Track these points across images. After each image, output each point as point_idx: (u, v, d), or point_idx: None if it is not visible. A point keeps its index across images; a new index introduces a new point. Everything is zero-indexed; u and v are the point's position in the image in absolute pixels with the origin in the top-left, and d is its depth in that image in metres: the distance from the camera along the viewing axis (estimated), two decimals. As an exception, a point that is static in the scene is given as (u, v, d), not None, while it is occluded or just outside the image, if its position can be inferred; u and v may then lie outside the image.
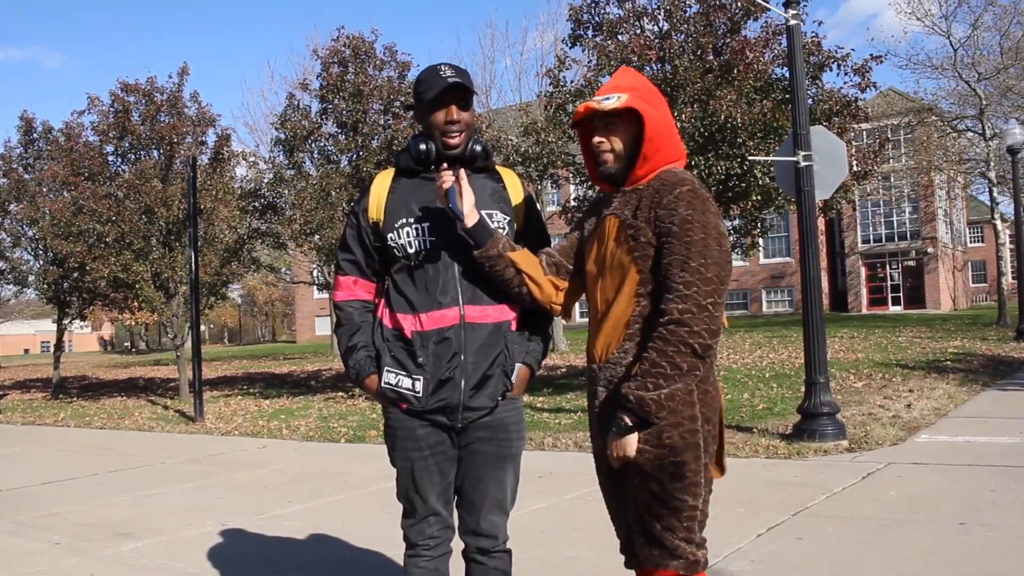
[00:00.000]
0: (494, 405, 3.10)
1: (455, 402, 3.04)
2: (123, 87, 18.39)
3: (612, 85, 2.90)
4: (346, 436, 11.19)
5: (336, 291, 3.29)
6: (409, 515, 3.18)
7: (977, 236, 65.20)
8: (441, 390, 3.03)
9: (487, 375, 3.06)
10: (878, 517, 5.72)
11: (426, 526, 3.14)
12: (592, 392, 2.95)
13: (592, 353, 2.92)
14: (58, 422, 15.89)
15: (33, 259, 23.15)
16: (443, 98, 3.03)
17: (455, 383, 3.03)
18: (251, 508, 7.22)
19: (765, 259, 49.40)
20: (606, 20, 13.73)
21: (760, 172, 12.26)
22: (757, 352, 20.13)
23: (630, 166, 2.85)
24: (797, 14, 8.93)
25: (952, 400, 10.87)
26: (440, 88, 3.01)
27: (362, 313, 3.22)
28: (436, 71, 3.06)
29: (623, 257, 2.80)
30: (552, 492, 7.06)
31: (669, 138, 2.86)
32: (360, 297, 3.24)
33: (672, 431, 2.71)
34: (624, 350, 2.79)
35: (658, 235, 2.73)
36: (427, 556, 3.14)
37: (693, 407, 2.74)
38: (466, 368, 3.03)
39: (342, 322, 3.23)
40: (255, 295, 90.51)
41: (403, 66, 17.48)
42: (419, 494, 3.13)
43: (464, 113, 3.08)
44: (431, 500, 3.13)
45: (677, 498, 2.73)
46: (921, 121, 35.08)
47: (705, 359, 2.66)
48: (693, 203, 2.71)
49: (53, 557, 5.93)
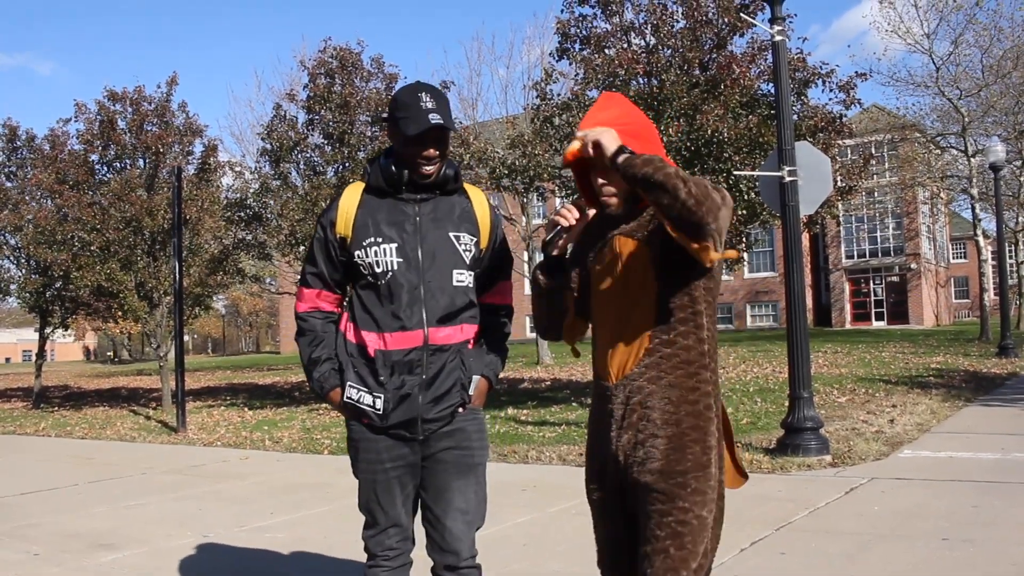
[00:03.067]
0: (452, 414, 3.13)
1: (414, 415, 3.08)
2: (110, 95, 18.36)
3: (596, 119, 2.80)
4: (329, 448, 11.14)
5: (299, 302, 3.31)
6: (370, 526, 3.21)
7: (960, 252, 65.54)
8: (400, 407, 3.08)
9: (446, 390, 3.11)
10: (861, 532, 5.73)
11: (385, 537, 3.17)
12: (606, 411, 2.83)
13: (605, 371, 2.84)
14: (39, 432, 15.75)
15: (15, 267, 23.01)
16: (423, 137, 3.03)
17: (414, 398, 3.07)
18: (233, 519, 7.17)
19: (749, 273, 49.52)
20: (593, 34, 13.76)
21: (745, 187, 12.30)
22: (741, 366, 20.17)
23: (634, 200, 2.81)
24: (782, 30, 8.98)
25: (935, 416, 10.91)
26: (421, 129, 2.99)
27: (325, 324, 3.24)
28: (417, 101, 3.03)
29: (641, 270, 2.75)
30: (536, 505, 7.04)
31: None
32: (323, 308, 3.26)
33: (695, 447, 2.67)
34: (645, 365, 2.74)
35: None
36: (386, 567, 3.17)
37: (713, 423, 2.72)
38: (425, 387, 3.08)
39: (304, 332, 3.25)
40: (239, 306, 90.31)
41: (390, 78, 17.53)
42: (380, 505, 3.16)
43: (442, 147, 3.09)
44: (392, 512, 3.16)
45: (698, 515, 2.66)
46: (904, 137, 35.29)
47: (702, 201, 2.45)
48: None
49: (32, 568, 5.87)
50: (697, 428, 2.70)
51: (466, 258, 3.17)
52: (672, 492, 2.67)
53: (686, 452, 2.68)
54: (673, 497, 2.67)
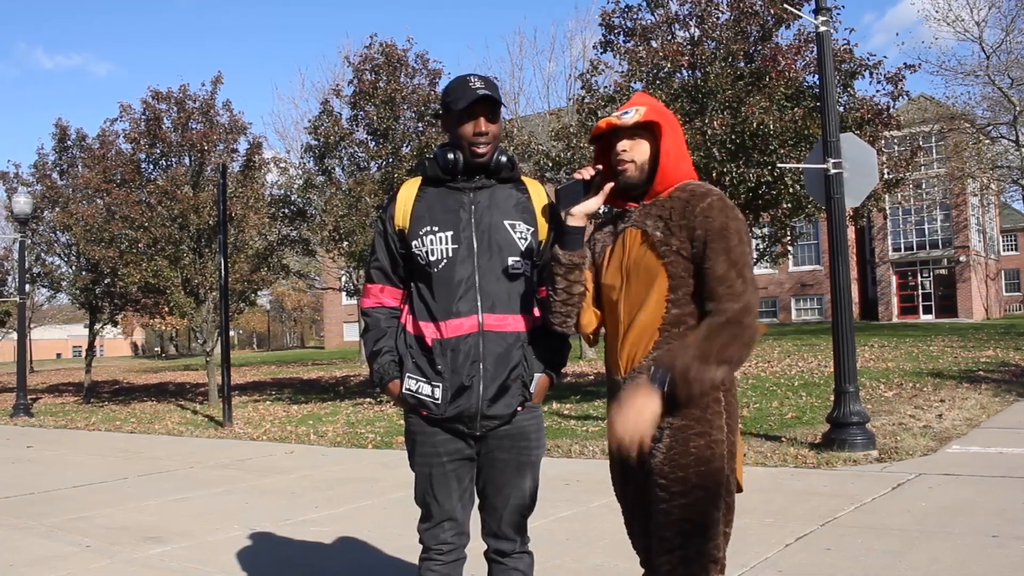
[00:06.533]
0: (512, 413, 3.13)
1: (473, 410, 3.07)
2: (154, 95, 18.58)
3: (630, 103, 2.96)
4: (373, 442, 11.22)
5: (364, 298, 3.37)
6: (425, 519, 3.22)
7: (1011, 244, 64.34)
8: (459, 398, 3.07)
9: (505, 385, 3.09)
10: (908, 528, 5.66)
11: (440, 531, 3.18)
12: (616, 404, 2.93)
13: (615, 364, 2.92)
14: (89, 426, 16.04)
15: (65, 265, 23.40)
16: (472, 110, 3.07)
17: (473, 390, 3.06)
18: (278, 513, 7.25)
19: (794, 267, 49.08)
20: (638, 26, 13.70)
21: (791, 179, 12.19)
22: (786, 360, 19.99)
23: (649, 180, 2.89)
24: (827, 21, 8.88)
25: (984, 411, 10.73)
26: (470, 100, 3.04)
27: (388, 319, 3.27)
28: (466, 82, 3.10)
29: (651, 267, 2.81)
30: (579, 500, 7.04)
31: (683, 155, 2.93)
32: (386, 304, 3.28)
33: (699, 440, 2.70)
34: (652, 358, 2.78)
35: (692, 241, 2.75)
36: (440, 560, 3.18)
37: (720, 416, 2.74)
38: (485, 376, 3.06)
39: (369, 328, 3.28)
40: (284, 301, 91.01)
41: (434, 74, 17.56)
42: (435, 499, 3.17)
43: (492, 125, 3.11)
44: (447, 505, 3.17)
45: (702, 511, 2.70)
46: (953, 128, 34.74)
47: (744, 358, 2.72)
48: (726, 211, 2.76)
49: (83, 560, 5.98)
50: (702, 421, 2.72)
51: (521, 246, 3.16)
52: (673, 487, 2.71)
53: (689, 446, 2.71)
54: (675, 492, 2.71)
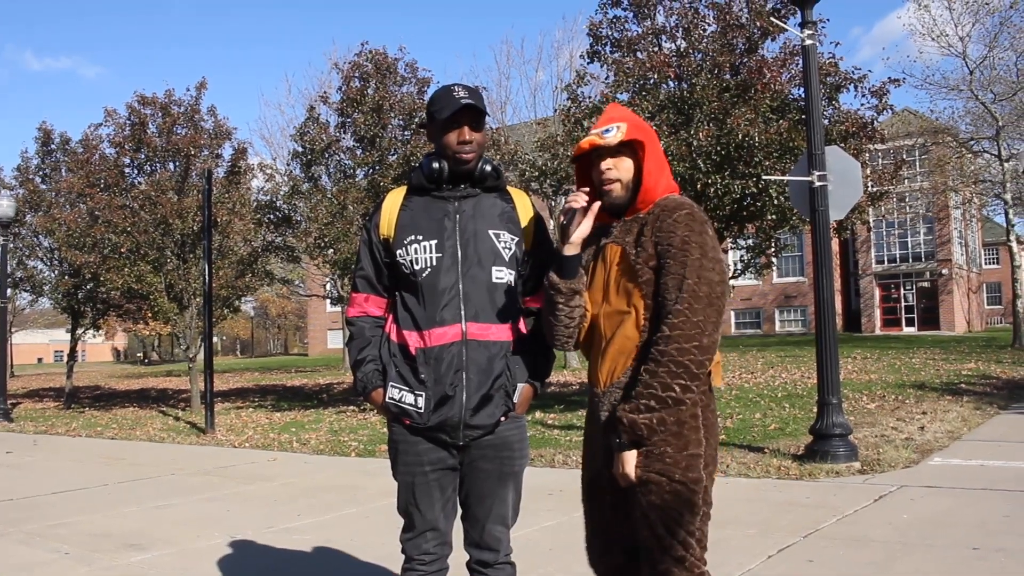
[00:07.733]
0: (495, 423, 3.14)
1: (455, 420, 3.08)
2: (140, 100, 18.51)
3: (607, 118, 2.97)
4: (356, 450, 11.19)
5: (349, 307, 3.39)
6: (408, 529, 3.22)
7: (993, 258, 64.81)
8: (442, 407, 3.07)
9: (488, 395, 3.10)
10: (890, 540, 5.68)
11: (423, 541, 3.18)
12: (594, 417, 3.00)
13: (596, 378, 2.96)
14: (70, 432, 15.91)
15: (48, 269, 23.27)
16: (456, 119, 3.09)
17: (456, 400, 3.07)
18: (261, 521, 7.21)
19: (778, 278, 49.28)
20: (625, 37, 13.75)
21: (775, 191, 12.24)
22: (769, 372, 20.06)
23: (632, 197, 2.92)
24: (813, 34, 8.92)
25: (966, 423, 10.79)
26: (454, 109, 3.06)
27: (372, 328, 3.28)
28: (450, 92, 3.12)
29: (628, 283, 2.85)
30: (562, 509, 7.03)
31: (664, 170, 2.95)
32: (371, 313, 3.29)
33: (676, 454, 2.75)
34: (629, 376, 2.83)
35: (658, 256, 2.79)
36: (422, 570, 3.18)
37: (697, 431, 2.79)
38: (468, 386, 3.07)
39: (353, 337, 3.29)
40: (268, 308, 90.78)
41: (423, 82, 17.61)
42: (418, 509, 3.17)
43: (476, 133, 3.13)
44: (429, 515, 3.17)
45: (682, 520, 2.75)
46: (937, 142, 34.93)
47: (699, 377, 2.70)
48: (691, 225, 2.79)
49: (62, 568, 5.93)
50: (679, 436, 2.76)
51: (506, 255, 3.17)
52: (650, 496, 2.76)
53: (663, 458, 2.75)
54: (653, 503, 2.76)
